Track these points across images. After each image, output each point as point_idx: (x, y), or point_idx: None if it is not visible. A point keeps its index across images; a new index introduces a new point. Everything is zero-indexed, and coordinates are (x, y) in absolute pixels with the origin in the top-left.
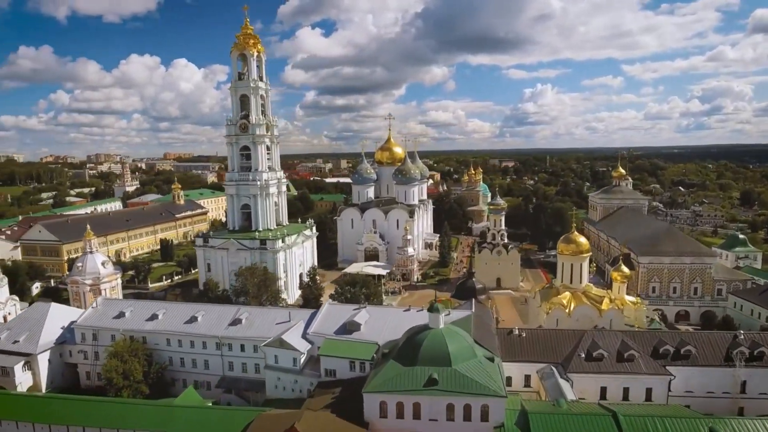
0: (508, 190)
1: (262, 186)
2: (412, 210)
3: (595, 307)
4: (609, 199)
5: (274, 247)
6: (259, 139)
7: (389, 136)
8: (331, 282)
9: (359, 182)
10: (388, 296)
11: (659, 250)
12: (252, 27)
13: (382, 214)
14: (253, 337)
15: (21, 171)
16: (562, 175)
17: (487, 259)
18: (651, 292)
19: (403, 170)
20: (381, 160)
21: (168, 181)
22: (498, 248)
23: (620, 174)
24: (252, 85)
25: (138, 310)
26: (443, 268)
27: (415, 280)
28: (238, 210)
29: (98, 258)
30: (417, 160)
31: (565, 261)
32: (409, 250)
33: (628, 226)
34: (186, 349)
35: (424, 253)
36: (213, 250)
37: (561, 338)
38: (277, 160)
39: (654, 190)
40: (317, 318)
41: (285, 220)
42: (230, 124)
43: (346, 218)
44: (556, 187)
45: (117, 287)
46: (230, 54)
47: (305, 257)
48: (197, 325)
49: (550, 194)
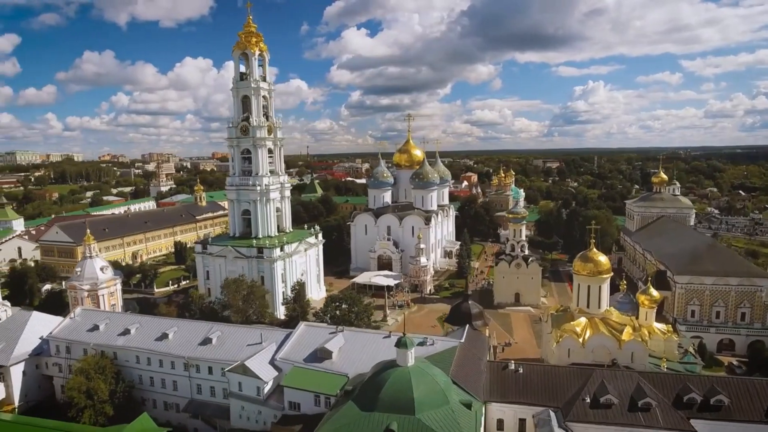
0: (546, 193)
1: (263, 191)
2: (428, 216)
3: (615, 338)
4: (647, 208)
5: (271, 256)
6: (260, 141)
7: (408, 138)
8: (338, 292)
9: (375, 186)
10: (395, 310)
11: (700, 268)
12: (255, 25)
13: (396, 220)
14: (221, 360)
15: (72, 170)
16: (609, 177)
17: (504, 272)
18: (689, 317)
19: (420, 174)
20: (399, 162)
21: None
22: (517, 261)
23: (661, 180)
24: (253, 85)
25: (113, 324)
26: (461, 279)
27: (427, 292)
28: (239, 216)
29: (97, 263)
30: (438, 163)
31: (582, 282)
32: (421, 260)
33: (666, 239)
34: (155, 367)
35: (442, 261)
36: (211, 258)
37: (565, 376)
38: (280, 163)
39: (710, 194)
40: (288, 341)
41: (288, 226)
42: (231, 127)
43: (360, 224)
44: (599, 190)
45: (116, 293)
46: (232, 53)
47: (308, 266)
48: (167, 342)
49: (592, 198)
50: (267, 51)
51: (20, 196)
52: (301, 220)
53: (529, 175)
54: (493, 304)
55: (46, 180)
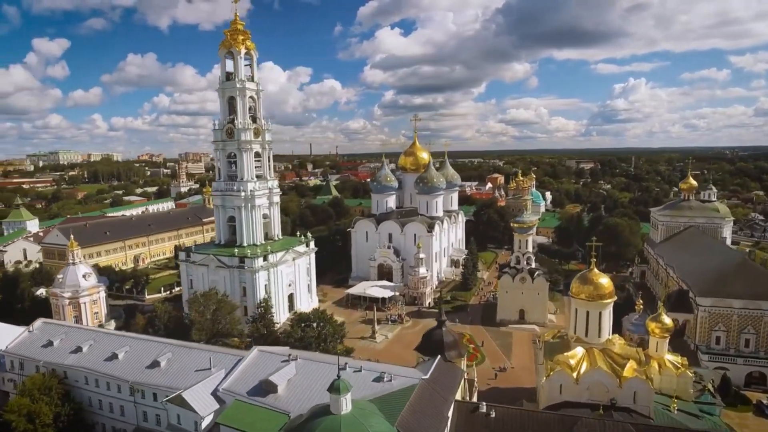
0: (575, 195)
1: (247, 197)
2: (432, 223)
3: (615, 373)
4: (673, 217)
5: (253, 266)
6: (245, 145)
7: (414, 139)
8: (332, 303)
9: (378, 191)
10: (387, 324)
11: (728, 288)
12: (242, 22)
13: (398, 227)
14: (165, 387)
15: (105, 169)
16: (646, 178)
17: (508, 287)
18: (714, 344)
19: (424, 178)
20: (405, 166)
21: None
22: (522, 274)
23: (690, 186)
24: (238, 86)
25: (69, 339)
26: (465, 291)
27: (426, 305)
28: (224, 222)
29: (80, 269)
30: (446, 166)
31: (580, 307)
32: (420, 271)
33: (692, 254)
34: (103, 390)
35: (448, 271)
36: (194, 266)
37: (545, 425)
38: (268, 167)
39: (755, 198)
40: (236, 369)
41: (277, 233)
42: (217, 129)
43: (360, 230)
44: (632, 193)
45: (99, 301)
46: (218, 52)
47: (297, 276)
48: (116, 363)
49: (623, 201)
50: (255, 49)
51: (49, 196)
52: (308, 225)
53: (559, 176)
54: (495, 321)
55: (79, 179)
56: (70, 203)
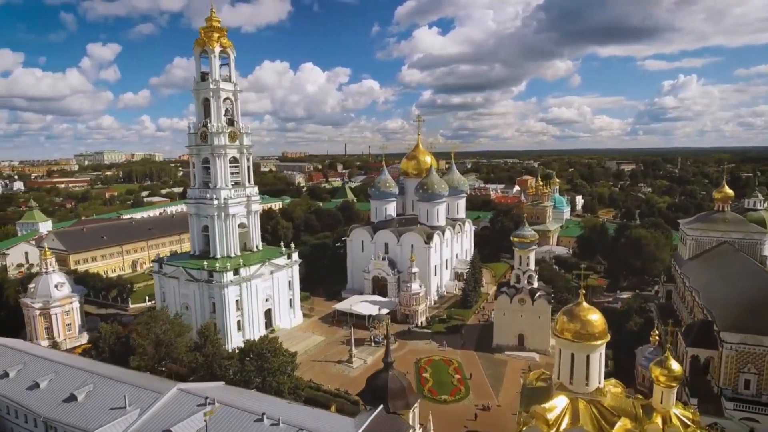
0: (610, 200)
1: (220, 205)
2: (431, 234)
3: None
4: (705, 231)
5: (222, 281)
6: (219, 150)
7: (417, 142)
8: (318, 318)
9: (377, 197)
10: (369, 346)
11: (761, 323)
12: (218, 19)
13: (394, 237)
14: (74, 426)
15: (139, 169)
16: (691, 181)
17: (505, 308)
18: (742, 389)
19: (425, 185)
20: (407, 170)
21: None
22: (521, 295)
23: (725, 195)
24: (212, 86)
25: (2, 361)
26: (465, 309)
27: (418, 324)
28: (199, 232)
29: (53, 279)
30: (453, 171)
31: (564, 348)
32: (413, 286)
33: (722, 276)
34: (21, 422)
35: (450, 285)
36: (166, 278)
37: None
38: (247, 173)
39: None
40: (148, 411)
41: (257, 244)
42: (191, 133)
43: (356, 239)
44: (672, 198)
45: (73, 311)
46: (192, 50)
47: (275, 291)
48: (37, 393)
49: (661, 207)
50: (233, 48)
51: (79, 196)
52: (313, 230)
53: (596, 178)
54: (490, 347)
55: (114, 180)
56: (96, 204)
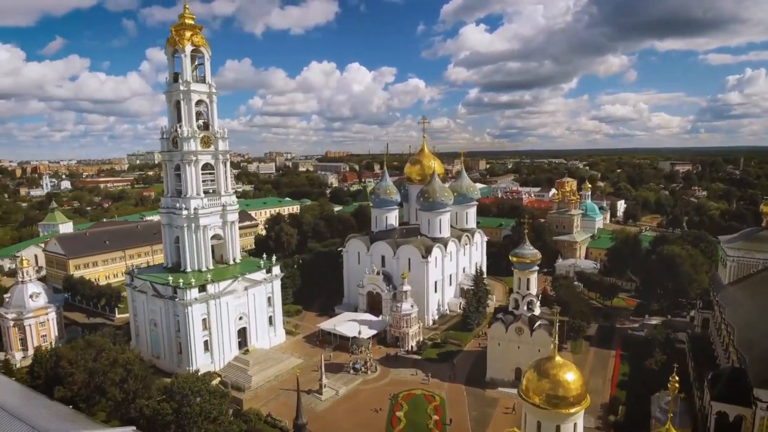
0: (657, 205)
1: (190, 216)
2: (429, 247)
3: None
4: (748, 252)
5: (184, 299)
6: (188, 156)
7: (422, 145)
8: (303, 337)
9: (377, 205)
10: (347, 374)
11: None
12: (192, 15)
13: (390, 249)
14: None
15: None
16: (754, 184)
17: (500, 338)
18: None
19: (426, 192)
20: (410, 176)
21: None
22: (518, 324)
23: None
24: (182, 88)
25: None
26: (464, 332)
27: (408, 348)
28: (171, 244)
29: (29, 288)
30: (463, 177)
31: (531, 414)
32: (403, 306)
33: (766, 311)
34: None
35: (454, 303)
36: (136, 292)
37: None
38: (225, 181)
39: None
40: None
41: (234, 257)
42: (164, 138)
43: (353, 250)
44: (729, 204)
45: (48, 323)
46: (164, 50)
47: (251, 308)
48: None
49: (713, 214)
50: (207, 46)
51: (116, 195)
52: (322, 237)
53: (645, 180)
54: (484, 380)
55: (154, 179)
56: (128, 204)
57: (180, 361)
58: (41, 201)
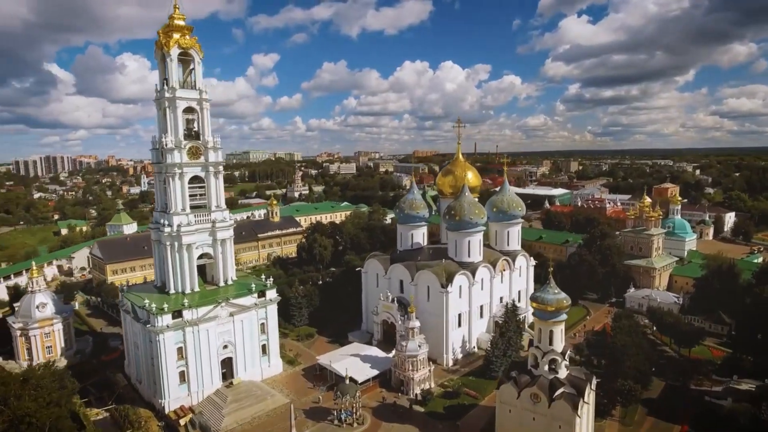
0: None
1: (172, 234)
2: (452, 274)
3: None
4: None
5: (155, 327)
6: (172, 168)
7: (457, 152)
8: (302, 369)
9: (403, 221)
10: (330, 425)
11: None
12: (182, 16)
13: (408, 273)
14: None
15: (261, 169)
16: None
17: (511, 404)
18: None
19: (453, 209)
20: (442, 188)
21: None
22: (533, 389)
23: None
24: (168, 94)
25: None
26: (486, 379)
27: (412, 395)
28: (161, 261)
29: (37, 299)
30: (505, 191)
31: None
32: (409, 346)
33: None
34: None
35: (485, 339)
36: (123, 312)
37: None
38: (215, 196)
39: None
40: None
41: (228, 277)
42: (153, 149)
43: (371, 272)
44: None
45: (54, 333)
46: (154, 54)
47: (238, 336)
48: None
49: None
50: (198, 48)
51: None
52: (360, 251)
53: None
54: None
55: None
56: None
57: (155, 391)
58: (133, 199)
